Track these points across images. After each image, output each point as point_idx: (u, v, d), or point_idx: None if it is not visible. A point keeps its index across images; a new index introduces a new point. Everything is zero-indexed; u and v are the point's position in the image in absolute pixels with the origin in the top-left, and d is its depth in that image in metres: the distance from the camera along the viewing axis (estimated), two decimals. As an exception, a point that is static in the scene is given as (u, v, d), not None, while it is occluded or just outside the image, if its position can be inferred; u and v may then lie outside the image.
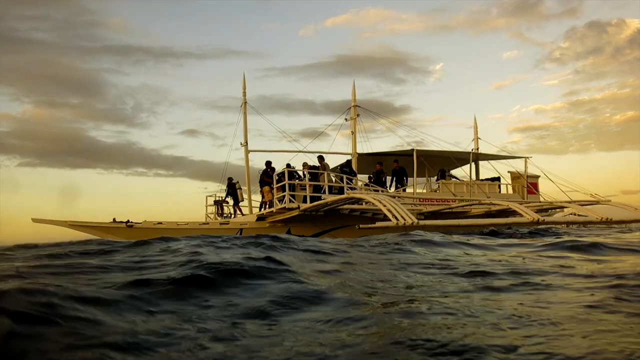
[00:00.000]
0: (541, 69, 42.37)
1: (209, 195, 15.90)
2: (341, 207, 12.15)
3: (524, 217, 10.69)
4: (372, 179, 14.61)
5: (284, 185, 12.41)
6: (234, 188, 15.32)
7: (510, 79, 44.74)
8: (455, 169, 17.05)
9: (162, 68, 40.31)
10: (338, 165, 15.84)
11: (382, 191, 13.84)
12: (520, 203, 12.92)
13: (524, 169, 16.65)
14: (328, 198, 12.10)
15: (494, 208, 13.45)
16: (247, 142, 15.05)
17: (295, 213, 12.13)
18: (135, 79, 40.53)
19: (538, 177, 16.81)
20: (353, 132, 16.18)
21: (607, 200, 14.62)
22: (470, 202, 13.55)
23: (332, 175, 13.80)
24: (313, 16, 48.06)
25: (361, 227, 9.52)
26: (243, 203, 15.42)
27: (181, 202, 36.02)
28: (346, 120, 16.33)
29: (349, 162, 15.48)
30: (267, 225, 13.03)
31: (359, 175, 15.17)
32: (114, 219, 12.54)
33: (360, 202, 11.95)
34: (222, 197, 15.69)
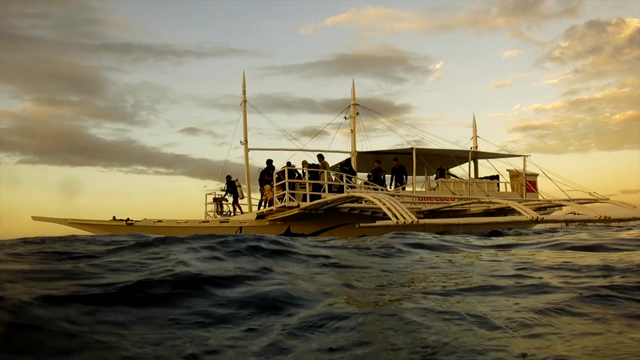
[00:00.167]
0: (541, 68, 42.40)
1: (209, 194, 15.94)
2: (341, 205, 12.19)
3: (523, 215, 10.73)
4: (371, 178, 14.64)
5: (284, 183, 12.45)
6: (234, 186, 15.34)
7: (510, 78, 44.74)
8: (454, 167, 17.09)
9: (162, 66, 40.24)
10: (338, 164, 15.87)
11: (382, 189, 13.87)
12: (519, 201, 12.98)
13: (522, 168, 16.72)
14: (328, 197, 12.13)
15: (493, 206, 13.50)
16: (246, 141, 15.08)
17: (295, 212, 12.16)
18: (136, 76, 40.41)
19: (537, 175, 16.87)
20: (352, 131, 16.21)
21: (605, 199, 14.67)
22: (470, 201, 13.59)
23: (332, 173, 13.83)
24: (313, 15, 47.99)
25: (361, 226, 9.55)
26: (243, 201, 15.46)
27: (181, 200, 36.00)
28: (345, 118, 16.37)
29: (349, 160, 15.50)
30: (267, 223, 13.06)
31: (358, 173, 15.21)
32: (114, 217, 12.57)
33: (360, 200, 11.98)
34: (221, 195, 15.72)
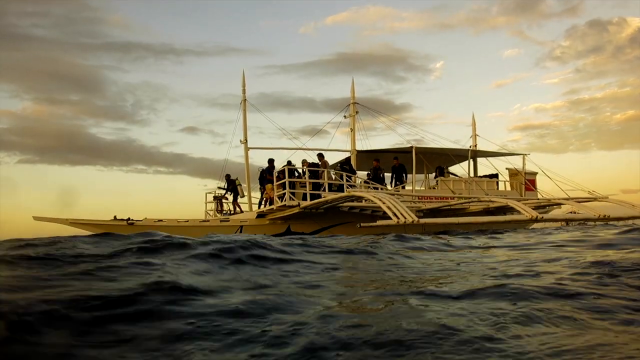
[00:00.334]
0: (542, 67, 42.40)
1: (209, 192, 15.94)
2: (341, 204, 12.22)
3: (522, 214, 10.78)
4: (370, 176, 14.67)
5: (284, 182, 12.47)
6: (234, 184, 15.34)
7: (511, 78, 44.75)
8: (454, 166, 17.13)
9: (163, 65, 40.21)
10: (338, 163, 15.89)
11: (381, 188, 13.90)
12: (518, 200, 13.02)
13: (522, 167, 16.75)
14: (328, 196, 12.16)
15: (492, 205, 13.54)
16: (246, 140, 15.08)
17: (295, 211, 12.19)
18: (136, 76, 40.37)
19: (536, 174, 16.90)
20: (352, 130, 16.23)
21: (604, 197, 14.72)
22: (469, 200, 13.64)
23: (332, 172, 13.86)
24: (313, 14, 48.00)
25: (362, 225, 9.57)
26: (243, 200, 15.46)
27: (181, 199, 36.03)
28: (345, 117, 16.38)
29: (349, 159, 15.52)
30: (267, 222, 13.09)
31: (358, 172, 15.23)
32: (115, 217, 12.56)
33: (360, 199, 12.01)
34: (221, 194, 15.71)
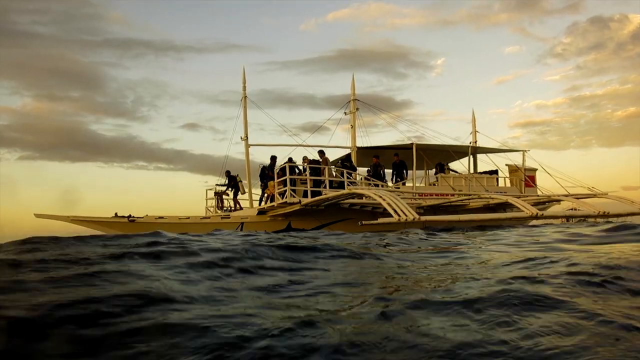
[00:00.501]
0: (543, 64, 42.36)
1: (209, 189, 15.94)
2: (342, 201, 12.25)
3: (522, 211, 10.80)
4: (370, 173, 14.68)
5: (285, 179, 12.48)
6: (235, 181, 15.34)
7: (512, 74, 44.75)
8: (454, 162, 17.14)
9: (163, 62, 40.16)
10: (338, 159, 15.89)
11: (382, 185, 13.93)
12: (518, 197, 13.04)
13: (521, 163, 16.77)
14: (329, 193, 12.18)
15: (492, 201, 13.57)
16: (247, 137, 15.05)
17: (296, 208, 12.21)
18: (136, 72, 40.32)
19: (535, 170, 16.92)
20: (352, 126, 16.22)
21: (603, 194, 14.76)
22: (470, 197, 13.67)
23: (333, 169, 13.87)
24: (314, 10, 47.91)
25: (364, 223, 9.58)
26: (244, 196, 15.46)
27: (181, 195, 36.11)
28: (345, 114, 16.35)
29: (349, 156, 15.53)
30: (268, 219, 13.12)
31: (358, 168, 15.23)
32: (116, 214, 12.57)
33: (361, 196, 12.03)
34: (221, 190, 15.71)
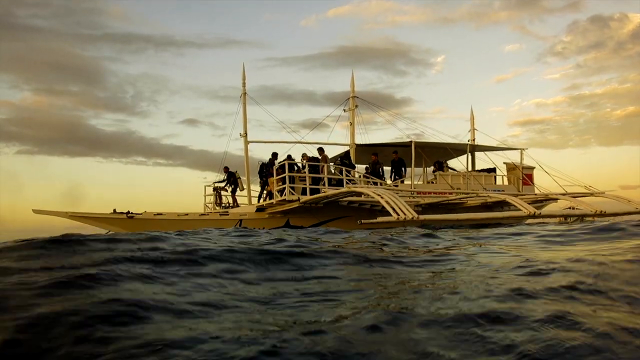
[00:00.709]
0: (543, 62, 42.33)
1: (208, 185, 15.94)
2: (340, 199, 12.29)
3: (520, 210, 10.85)
4: (369, 170, 14.71)
5: (284, 177, 12.50)
6: (234, 177, 15.35)
7: (512, 73, 44.71)
8: (452, 160, 17.19)
9: (163, 57, 39.95)
10: (337, 156, 15.91)
11: (381, 183, 13.96)
12: (515, 195, 13.09)
13: (519, 161, 16.82)
14: (328, 191, 12.20)
15: (490, 200, 13.62)
16: (246, 133, 15.05)
17: (295, 205, 12.24)
18: (136, 67, 40.03)
19: (533, 168, 16.95)
20: (351, 123, 16.22)
21: (600, 193, 14.82)
22: (468, 195, 13.72)
23: (332, 167, 13.90)
24: (315, 6, 47.82)
25: (363, 222, 9.61)
26: (242, 193, 15.48)
27: (180, 191, 36.04)
28: (345, 111, 16.34)
29: (348, 153, 15.55)
30: (267, 216, 13.14)
31: (357, 165, 15.26)
32: (115, 210, 12.56)
33: (359, 194, 12.07)
34: (219, 186, 15.70)
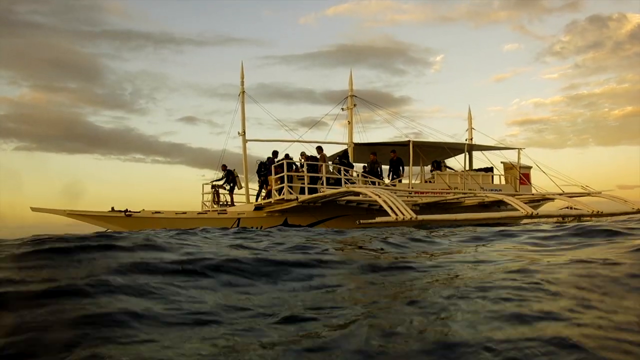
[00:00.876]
0: (541, 62, 42.42)
1: (206, 183, 15.92)
2: (338, 198, 12.31)
3: (518, 210, 10.89)
4: (367, 169, 14.72)
5: (282, 175, 12.50)
6: (233, 175, 15.33)
7: (510, 72, 44.76)
8: (449, 159, 17.22)
9: (162, 54, 39.81)
10: (335, 155, 15.91)
11: (379, 182, 13.99)
12: (512, 195, 13.15)
13: (517, 160, 16.87)
14: (326, 190, 12.21)
15: (487, 199, 13.67)
16: (244, 132, 15.02)
17: (293, 204, 12.26)
18: (135, 64, 39.91)
19: (530, 168, 17.00)
20: (350, 122, 16.22)
21: (597, 193, 14.89)
22: (466, 195, 13.77)
23: (331, 166, 13.91)
24: (314, 5, 47.72)
25: (361, 222, 9.64)
26: (241, 191, 15.46)
27: (179, 189, 35.96)
28: (343, 110, 16.33)
29: (346, 152, 15.55)
30: (265, 215, 13.15)
31: (354, 164, 15.28)
32: (113, 208, 12.53)
33: (357, 194, 12.09)
34: (219, 184, 15.68)
